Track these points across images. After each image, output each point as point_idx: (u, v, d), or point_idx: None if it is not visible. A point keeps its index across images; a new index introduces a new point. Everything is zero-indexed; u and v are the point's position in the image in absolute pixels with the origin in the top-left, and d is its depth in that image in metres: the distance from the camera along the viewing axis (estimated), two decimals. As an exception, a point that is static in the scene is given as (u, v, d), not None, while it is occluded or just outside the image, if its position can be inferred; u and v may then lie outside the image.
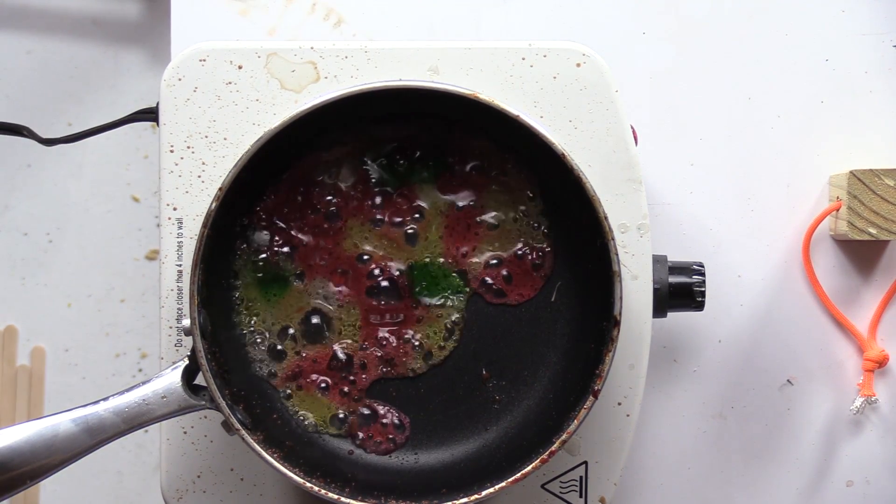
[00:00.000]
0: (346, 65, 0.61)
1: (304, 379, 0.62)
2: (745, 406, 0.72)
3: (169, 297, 0.62)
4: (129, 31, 0.88)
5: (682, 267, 0.63)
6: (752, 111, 0.71)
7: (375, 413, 0.62)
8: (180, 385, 0.57)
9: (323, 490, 0.57)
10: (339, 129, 0.61)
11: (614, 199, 0.61)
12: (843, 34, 0.71)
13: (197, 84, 0.61)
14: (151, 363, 0.89)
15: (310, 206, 0.62)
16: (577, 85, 0.61)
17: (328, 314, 0.62)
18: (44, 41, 0.88)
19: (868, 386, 0.70)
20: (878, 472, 0.71)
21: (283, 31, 0.71)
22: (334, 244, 0.62)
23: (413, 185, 0.62)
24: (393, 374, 0.62)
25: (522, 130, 0.58)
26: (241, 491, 0.63)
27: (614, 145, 0.61)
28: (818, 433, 0.71)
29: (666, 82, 0.71)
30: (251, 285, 0.62)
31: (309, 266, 0.62)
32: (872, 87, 0.71)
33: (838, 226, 0.69)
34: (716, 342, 0.71)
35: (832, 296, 0.71)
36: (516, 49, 0.61)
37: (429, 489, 0.59)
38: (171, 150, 0.61)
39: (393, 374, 0.62)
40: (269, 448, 0.57)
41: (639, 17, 0.71)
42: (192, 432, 0.62)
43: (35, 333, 0.89)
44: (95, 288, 0.89)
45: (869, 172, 0.67)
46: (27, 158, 0.89)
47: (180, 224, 0.62)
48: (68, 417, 0.55)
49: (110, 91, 0.89)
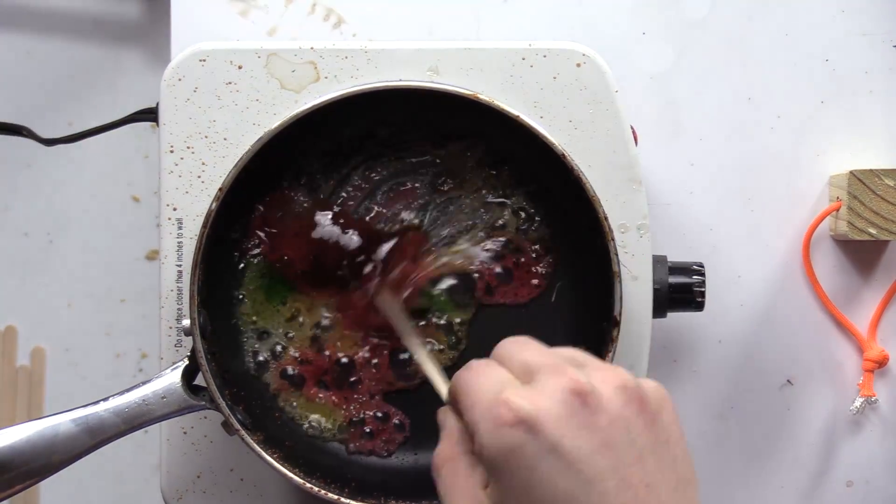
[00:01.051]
0: (346, 65, 0.61)
1: (304, 379, 0.62)
2: (745, 406, 0.72)
3: (169, 298, 0.62)
4: (129, 31, 0.88)
5: (682, 267, 0.63)
6: (752, 111, 0.71)
7: (375, 413, 0.62)
8: (180, 385, 0.57)
9: (323, 490, 0.57)
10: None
11: (614, 199, 0.61)
12: (843, 34, 0.71)
13: (197, 84, 0.61)
14: (151, 363, 0.89)
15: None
16: (576, 85, 0.61)
17: (331, 319, 0.62)
18: (44, 41, 0.88)
19: (868, 386, 0.70)
20: (878, 472, 0.71)
21: (283, 32, 0.71)
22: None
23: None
24: (394, 387, 0.62)
25: (522, 131, 0.58)
26: (241, 491, 0.63)
27: (614, 145, 0.61)
28: (818, 433, 0.71)
29: (666, 82, 0.71)
30: (253, 287, 0.62)
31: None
32: (872, 87, 0.71)
33: (838, 226, 0.69)
34: (716, 342, 0.71)
35: (832, 296, 0.71)
36: (516, 49, 0.61)
37: (429, 489, 0.58)
38: (171, 151, 0.61)
39: (394, 387, 0.62)
40: (269, 448, 0.57)
41: (639, 17, 0.71)
42: (192, 432, 0.62)
43: (35, 333, 0.89)
44: (95, 288, 0.89)
45: (869, 172, 0.67)
46: (27, 158, 0.89)
47: (180, 224, 0.62)
48: (68, 417, 0.55)
49: (110, 91, 0.89)
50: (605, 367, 0.44)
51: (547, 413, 0.41)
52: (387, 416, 0.62)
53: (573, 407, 0.41)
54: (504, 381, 0.43)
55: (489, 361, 0.45)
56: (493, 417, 0.41)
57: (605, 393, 0.42)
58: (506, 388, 0.42)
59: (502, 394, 0.42)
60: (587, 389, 0.41)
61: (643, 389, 0.43)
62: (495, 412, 0.41)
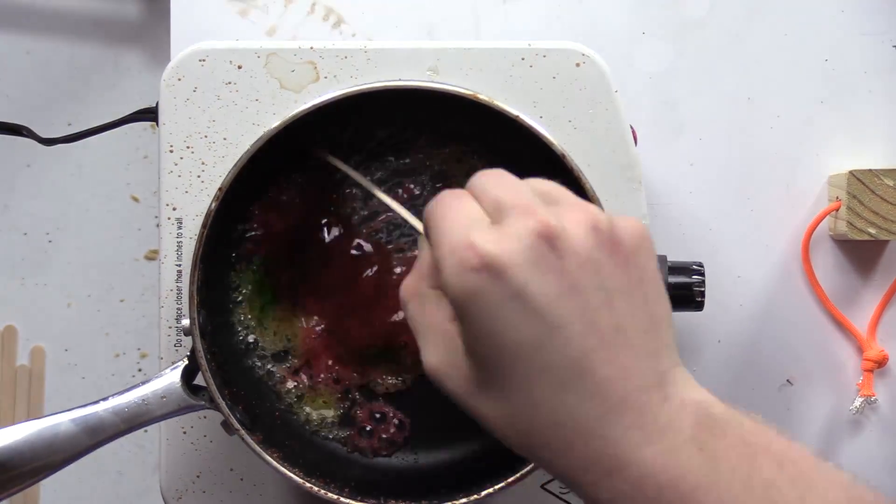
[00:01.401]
0: (346, 65, 0.61)
1: (303, 380, 0.62)
2: (744, 406, 0.71)
3: (168, 297, 0.62)
4: (129, 31, 0.88)
5: (682, 267, 0.63)
6: (752, 111, 0.71)
7: (376, 413, 0.62)
8: (180, 385, 0.57)
9: (323, 490, 0.57)
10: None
11: (614, 199, 0.61)
12: (842, 34, 0.71)
13: (197, 84, 0.61)
14: (151, 363, 0.89)
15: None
16: (576, 85, 0.61)
17: (329, 320, 0.62)
18: (44, 41, 0.88)
19: (868, 386, 0.70)
20: (878, 472, 0.71)
21: (283, 32, 0.71)
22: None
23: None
24: (391, 388, 0.62)
25: (522, 131, 0.58)
26: (240, 491, 0.63)
27: (614, 145, 0.61)
28: (818, 433, 0.71)
29: (665, 82, 0.71)
30: (252, 287, 0.62)
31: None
32: (872, 87, 0.71)
33: (838, 226, 0.69)
34: (715, 342, 0.71)
35: (832, 296, 0.71)
36: (516, 49, 0.61)
37: (429, 489, 0.58)
38: (170, 150, 0.61)
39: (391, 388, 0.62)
40: (269, 448, 0.57)
41: (639, 17, 0.71)
42: (191, 432, 0.62)
43: (35, 333, 0.89)
44: (95, 288, 0.89)
45: (868, 172, 0.67)
46: (27, 158, 0.88)
47: (180, 224, 0.62)
48: (68, 417, 0.55)
49: (110, 91, 0.88)
50: (579, 204, 0.42)
51: (512, 257, 0.39)
52: (386, 416, 0.62)
53: (540, 251, 0.40)
54: (473, 219, 0.42)
55: (461, 193, 0.43)
56: (458, 259, 0.40)
57: (575, 235, 0.40)
58: (474, 227, 0.41)
59: (469, 235, 0.40)
60: (556, 232, 0.40)
61: (617, 229, 0.42)
62: (461, 254, 0.40)
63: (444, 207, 0.43)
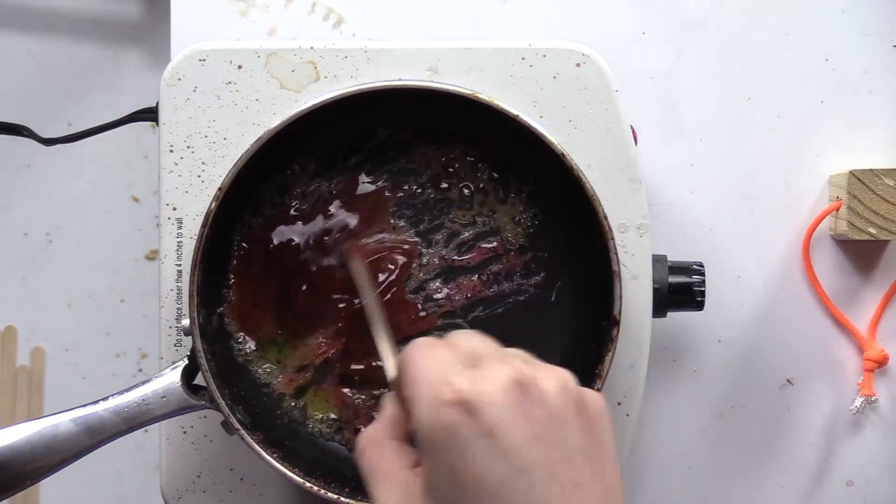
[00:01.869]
0: (346, 65, 0.61)
1: (304, 379, 0.62)
2: (745, 406, 0.72)
3: (169, 297, 0.62)
4: (129, 31, 0.88)
5: (682, 267, 0.63)
6: (752, 111, 0.71)
7: (376, 413, 0.62)
8: (180, 385, 0.57)
9: (323, 490, 0.57)
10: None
11: (614, 199, 0.61)
12: (843, 34, 0.71)
13: (197, 84, 0.61)
14: (151, 363, 0.89)
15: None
16: (576, 85, 0.61)
17: (327, 322, 0.62)
18: (44, 41, 0.88)
19: (868, 386, 0.70)
20: (878, 472, 0.71)
21: (283, 31, 0.71)
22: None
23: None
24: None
25: (522, 130, 0.58)
26: (241, 491, 0.63)
27: (614, 145, 0.61)
28: (818, 433, 0.71)
29: (666, 82, 0.71)
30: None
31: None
32: (872, 87, 0.71)
33: (838, 226, 0.69)
34: (716, 342, 0.71)
35: (832, 296, 0.71)
36: (516, 49, 0.61)
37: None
38: (170, 150, 0.61)
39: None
40: (269, 448, 0.57)
41: (639, 17, 0.71)
42: (191, 432, 0.62)
43: (35, 333, 0.89)
44: (95, 288, 0.89)
45: (869, 172, 0.67)
46: (27, 158, 0.89)
47: (180, 224, 0.62)
48: (68, 417, 0.55)
49: (110, 91, 0.89)
50: (551, 367, 0.44)
51: (487, 397, 0.41)
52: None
53: (514, 396, 0.41)
54: (450, 363, 0.43)
55: (439, 341, 0.45)
56: (434, 395, 0.41)
57: (547, 388, 0.42)
58: (451, 369, 0.43)
59: (447, 374, 0.42)
60: (529, 381, 0.42)
61: (584, 395, 0.43)
62: (437, 390, 0.41)
63: (421, 350, 0.44)
